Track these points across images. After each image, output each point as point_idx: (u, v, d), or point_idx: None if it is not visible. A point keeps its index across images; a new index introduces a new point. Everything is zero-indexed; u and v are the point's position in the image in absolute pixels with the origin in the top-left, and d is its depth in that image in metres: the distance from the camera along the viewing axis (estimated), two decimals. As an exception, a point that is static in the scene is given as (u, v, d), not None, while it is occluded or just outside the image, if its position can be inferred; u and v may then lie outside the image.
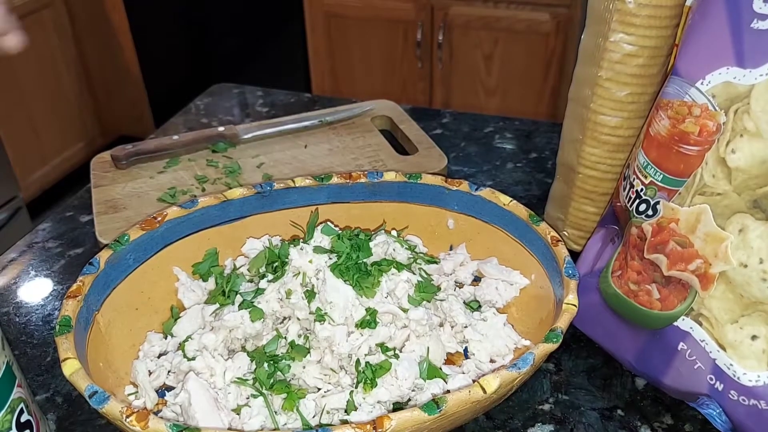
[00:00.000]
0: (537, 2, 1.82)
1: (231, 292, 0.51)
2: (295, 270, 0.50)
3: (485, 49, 1.93)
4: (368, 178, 0.57)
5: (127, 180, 0.70)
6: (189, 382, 0.43)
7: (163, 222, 0.52)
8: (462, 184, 0.56)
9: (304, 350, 0.47)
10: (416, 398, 0.44)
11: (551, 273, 0.50)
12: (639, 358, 0.47)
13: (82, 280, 0.46)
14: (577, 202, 0.59)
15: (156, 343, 0.50)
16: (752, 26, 0.40)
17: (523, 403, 0.49)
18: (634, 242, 0.47)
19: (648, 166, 0.46)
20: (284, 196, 0.56)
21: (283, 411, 0.44)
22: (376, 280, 0.49)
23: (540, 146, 0.81)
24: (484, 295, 0.54)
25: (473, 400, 0.37)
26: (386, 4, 1.95)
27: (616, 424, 0.47)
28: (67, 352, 0.40)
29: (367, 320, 0.47)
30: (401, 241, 0.55)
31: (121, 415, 0.36)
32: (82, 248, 0.66)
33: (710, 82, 0.42)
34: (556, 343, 0.41)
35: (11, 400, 0.38)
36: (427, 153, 0.74)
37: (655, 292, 0.45)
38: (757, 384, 0.41)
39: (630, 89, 0.51)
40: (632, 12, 0.49)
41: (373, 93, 1.56)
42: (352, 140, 0.77)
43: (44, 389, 0.50)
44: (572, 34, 1.82)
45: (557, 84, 1.92)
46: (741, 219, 0.41)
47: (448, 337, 0.50)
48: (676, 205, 0.44)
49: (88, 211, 0.69)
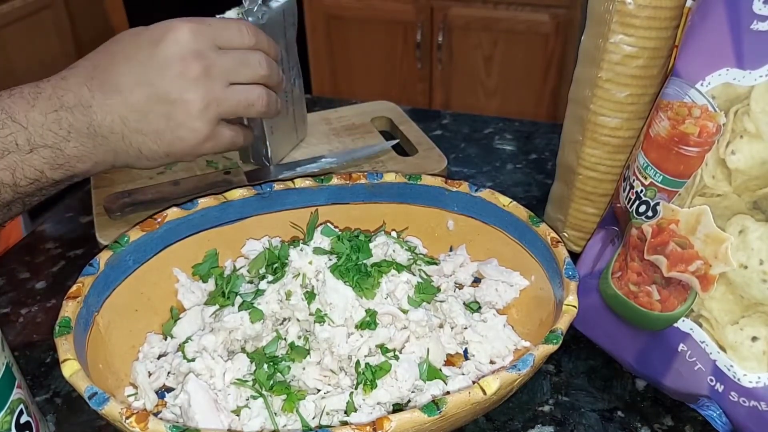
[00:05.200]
0: (537, 3, 1.83)
1: (231, 294, 0.51)
2: (295, 271, 0.50)
3: (485, 50, 1.93)
4: (368, 180, 0.57)
5: (128, 181, 0.70)
6: (189, 384, 0.43)
7: (162, 223, 0.52)
8: (462, 185, 0.56)
9: (303, 351, 0.46)
10: (416, 399, 0.44)
11: (551, 274, 0.50)
12: (639, 359, 0.47)
13: (81, 282, 0.46)
14: (577, 203, 0.59)
15: (156, 345, 0.50)
16: (752, 27, 0.40)
17: (523, 404, 0.49)
18: (634, 243, 0.47)
19: (648, 167, 0.46)
20: (284, 197, 0.56)
21: (283, 412, 0.44)
22: (376, 282, 0.49)
23: (540, 147, 0.81)
24: (484, 297, 0.54)
25: (473, 401, 0.37)
26: (386, 6, 1.95)
27: (617, 426, 0.47)
28: (66, 353, 0.40)
29: (367, 321, 0.47)
30: (401, 243, 0.55)
31: (120, 416, 0.36)
32: (81, 249, 0.66)
33: (710, 83, 0.42)
34: (556, 344, 0.41)
35: (11, 401, 0.38)
36: (427, 154, 0.73)
37: (655, 293, 0.45)
38: (757, 385, 0.41)
39: (630, 90, 0.51)
40: (632, 13, 0.49)
41: (373, 94, 1.55)
42: (352, 141, 0.77)
43: (44, 390, 0.50)
44: (572, 35, 1.82)
45: (557, 85, 1.92)
46: (741, 220, 0.41)
47: (448, 339, 0.50)
48: (676, 206, 0.44)
49: (88, 212, 0.69)
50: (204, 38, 0.53)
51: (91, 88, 0.52)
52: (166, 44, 0.52)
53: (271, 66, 0.58)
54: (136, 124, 0.53)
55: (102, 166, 0.55)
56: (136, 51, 0.53)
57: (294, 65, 0.70)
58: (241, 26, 0.56)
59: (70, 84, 0.52)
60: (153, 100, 0.52)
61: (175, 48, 0.52)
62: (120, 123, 0.52)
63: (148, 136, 0.53)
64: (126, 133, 0.53)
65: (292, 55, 0.70)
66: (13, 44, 1.94)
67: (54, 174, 0.52)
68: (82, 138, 0.52)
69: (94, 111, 0.52)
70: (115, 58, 0.53)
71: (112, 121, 0.52)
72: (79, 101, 0.51)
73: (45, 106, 0.51)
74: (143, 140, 0.54)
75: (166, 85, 0.52)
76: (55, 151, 0.51)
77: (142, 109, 0.52)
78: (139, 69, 0.52)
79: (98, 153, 0.53)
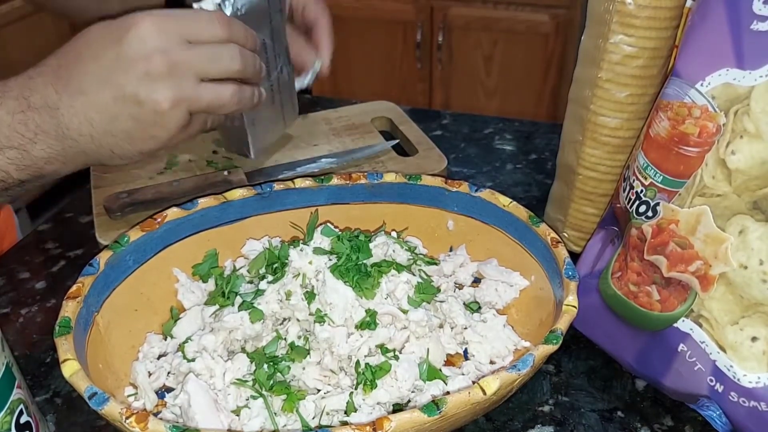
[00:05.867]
0: (537, 3, 1.83)
1: (231, 294, 0.51)
2: (295, 271, 0.50)
3: (485, 50, 1.93)
4: (368, 180, 0.57)
5: (128, 181, 0.70)
6: (189, 384, 0.43)
7: (162, 223, 0.52)
8: (462, 185, 0.56)
9: (303, 351, 0.46)
10: (416, 399, 0.44)
11: (551, 274, 0.50)
12: (639, 359, 0.47)
13: (81, 281, 0.46)
14: (576, 204, 0.59)
15: (156, 345, 0.50)
16: (752, 28, 0.40)
17: (523, 404, 0.49)
18: (634, 243, 0.47)
19: (648, 167, 0.46)
20: (284, 197, 0.56)
21: (283, 412, 0.44)
22: (376, 282, 0.49)
23: (540, 147, 0.81)
24: (484, 297, 0.54)
25: (473, 401, 0.37)
26: (386, 5, 1.95)
27: (616, 426, 0.47)
28: (66, 353, 0.40)
29: (367, 321, 0.47)
30: (401, 243, 0.55)
31: (120, 416, 0.36)
32: (81, 249, 0.66)
33: (710, 83, 0.42)
34: (556, 344, 0.41)
35: (11, 401, 0.38)
36: (427, 154, 0.74)
37: (655, 293, 0.45)
38: (757, 385, 0.41)
39: (630, 90, 0.51)
40: (632, 13, 0.49)
41: (373, 94, 1.55)
42: (352, 141, 0.77)
43: (44, 390, 0.50)
44: (572, 35, 1.82)
45: (557, 85, 1.92)
46: (741, 220, 0.41)
47: (448, 339, 0.50)
48: (676, 206, 0.44)
49: (88, 212, 0.69)
50: (169, 33, 0.50)
51: (58, 89, 0.50)
52: (129, 42, 0.49)
53: (246, 59, 0.55)
54: (104, 126, 0.50)
55: (72, 166, 0.53)
56: (102, 49, 0.50)
57: (282, 52, 0.67)
58: (212, 18, 0.53)
59: (36, 84, 0.50)
60: (120, 102, 0.50)
61: (138, 46, 0.49)
62: (88, 125, 0.50)
63: (118, 136, 0.51)
64: (95, 135, 0.51)
65: (279, 41, 0.66)
66: (13, 44, 1.94)
67: (20, 175, 0.50)
68: (50, 140, 0.50)
69: (62, 113, 0.50)
70: (81, 57, 0.51)
71: (80, 123, 0.50)
72: (46, 102, 0.49)
73: (12, 106, 0.49)
74: (114, 141, 0.51)
75: (132, 86, 0.49)
76: (22, 153, 0.49)
77: (109, 111, 0.50)
78: (104, 69, 0.50)
79: (68, 155, 0.51)
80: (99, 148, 0.52)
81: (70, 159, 0.52)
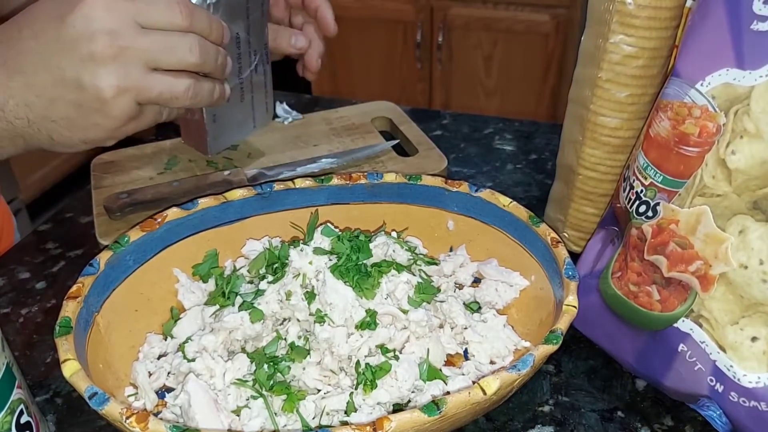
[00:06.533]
0: (537, 3, 1.83)
1: (231, 294, 0.51)
2: (295, 271, 0.50)
3: (485, 50, 1.94)
4: (368, 180, 0.57)
5: (128, 182, 0.70)
6: (189, 384, 0.43)
7: (162, 223, 0.52)
8: (462, 185, 0.56)
9: (304, 352, 0.46)
10: (416, 400, 0.44)
11: (551, 274, 0.50)
12: (639, 359, 0.47)
13: (81, 282, 0.46)
14: (576, 204, 0.59)
15: (156, 345, 0.50)
16: (752, 28, 0.40)
17: (523, 404, 0.49)
18: (634, 243, 0.47)
19: (648, 167, 0.46)
20: (284, 197, 0.56)
21: (283, 412, 0.44)
22: (376, 282, 0.49)
23: (540, 147, 0.81)
24: (484, 297, 0.54)
25: (473, 401, 0.37)
26: (386, 5, 1.95)
27: (617, 426, 0.47)
28: (66, 353, 0.40)
29: (367, 321, 0.47)
30: (401, 243, 0.55)
31: (121, 416, 0.36)
32: (81, 249, 0.66)
33: (710, 83, 0.42)
34: (556, 344, 0.41)
35: (11, 401, 0.38)
36: (427, 154, 0.73)
37: (655, 293, 0.45)
38: (757, 385, 0.41)
39: (630, 90, 0.51)
40: (632, 13, 0.49)
41: (373, 94, 1.55)
42: (352, 141, 0.77)
43: (44, 390, 0.50)
44: (572, 35, 1.82)
45: (557, 85, 1.92)
46: (741, 220, 0.41)
47: (448, 339, 0.50)
48: (676, 206, 0.44)
49: (88, 213, 0.69)
50: (121, 15, 0.46)
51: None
52: (73, 20, 0.45)
53: (207, 52, 0.51)
54: (42, 110, 0.47)
55: (12, 150, 0.50)
56: (44, 27, 0.46)
57: (259, 49, 0.64)
58: (172, 3, 0.49)
59: None
60: (60, 85, 0.46)
61: (84, 25, 0.45)
62: (24, 108, 0.47)
63: (58, 123, 0.48)
64: (33, 119, 0.47)
65: (258, 38, 0.63)
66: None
67: None
68: None
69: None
70: (22, 34, 0.47)
71: (16, 105, 0.47)
72: None
73: None
74: (53, 127, 0.48)
75: (73, 69, 0.46)
76: None
77: (48, 95, 0.46)
78: (45, 48, 0.46)
79: (3, 138, 0.48)
80: (37, 133, 0.49)
81: (7, 143, 0.49)
